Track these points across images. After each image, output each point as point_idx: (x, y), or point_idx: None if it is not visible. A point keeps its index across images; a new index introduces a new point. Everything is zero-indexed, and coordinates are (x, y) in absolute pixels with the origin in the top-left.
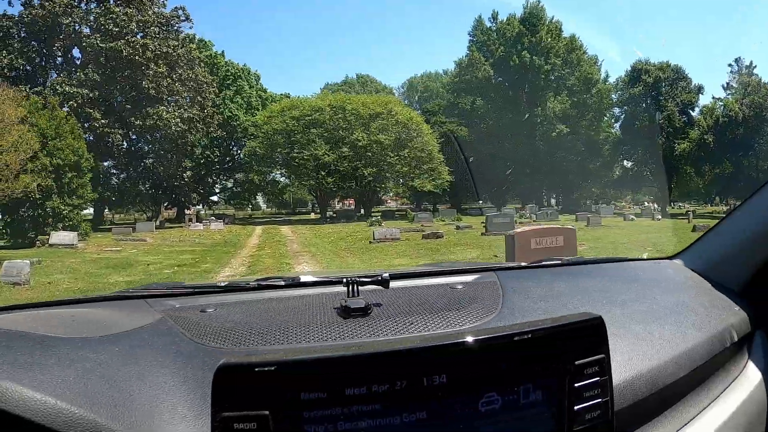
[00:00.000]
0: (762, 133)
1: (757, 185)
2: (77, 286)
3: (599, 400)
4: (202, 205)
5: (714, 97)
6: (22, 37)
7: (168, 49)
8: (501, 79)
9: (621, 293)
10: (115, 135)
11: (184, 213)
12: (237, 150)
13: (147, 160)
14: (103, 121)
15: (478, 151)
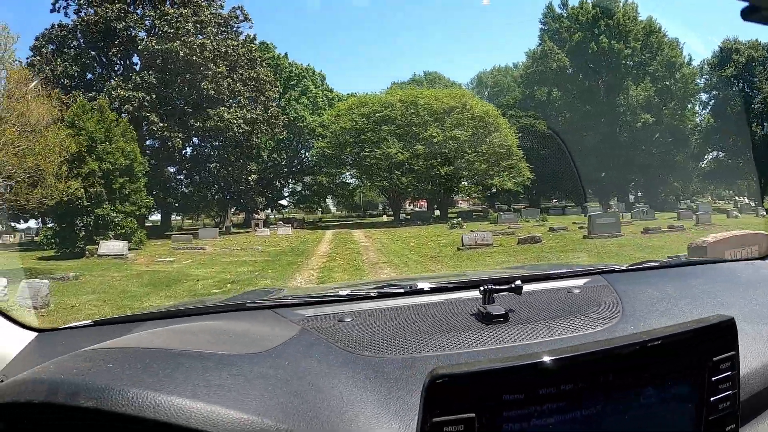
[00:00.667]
0: None
1: None
2: (101, 312)
3: (730, 392)
4: (270, 209)
5: None
6: (78, 44)
7: (227, 49)
8: (577, 68)
9: (725, 294)
10: (175, 138)
11: (252, 217)
12: (305, 152)
13: (211, 164)
14: (162, 125)
15: (557, 146)
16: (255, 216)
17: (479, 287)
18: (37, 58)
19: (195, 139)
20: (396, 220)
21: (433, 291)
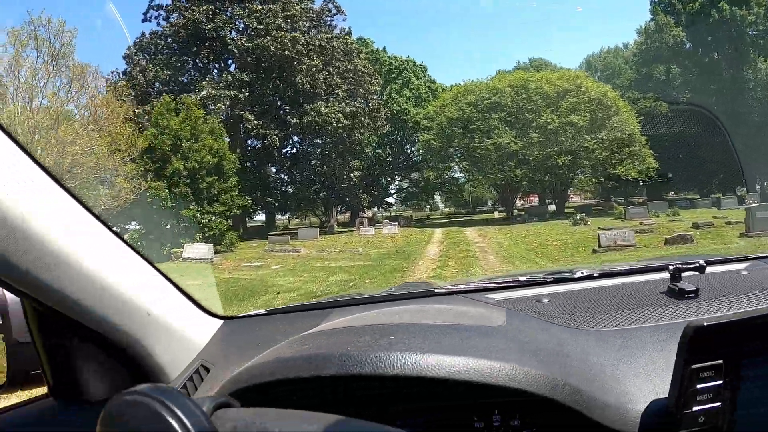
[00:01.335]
0: None
1: None
2: None
3: None
4: (377, 207)
5: None
6: (169, 49)
7: (321, 42)
8: (696, 42)
9: None
10: (272, 136)
11: (357, 216)
12: (410, 147)
13: (312, 162)
14: (258, 123)
15: (681, 130)
16: (361, 214)
17: (667, 268)
18: (131, 66)
19: (295, 138)
20: (509, 217)
21: (605, 276)
